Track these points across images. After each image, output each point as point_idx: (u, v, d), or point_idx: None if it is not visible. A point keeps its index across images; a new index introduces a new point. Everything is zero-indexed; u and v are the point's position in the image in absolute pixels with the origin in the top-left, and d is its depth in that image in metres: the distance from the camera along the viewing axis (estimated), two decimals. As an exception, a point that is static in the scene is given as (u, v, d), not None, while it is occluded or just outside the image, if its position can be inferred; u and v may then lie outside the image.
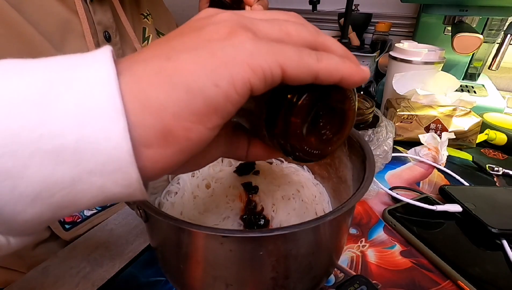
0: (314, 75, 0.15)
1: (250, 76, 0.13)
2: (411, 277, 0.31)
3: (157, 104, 0.12)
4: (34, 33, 0.35)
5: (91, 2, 0.40)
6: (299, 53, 0.14)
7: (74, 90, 0.12)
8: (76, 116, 0.11)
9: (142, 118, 0.12)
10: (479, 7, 0.60)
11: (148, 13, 0.53)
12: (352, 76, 0.16)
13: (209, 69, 0.13)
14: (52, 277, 0.31)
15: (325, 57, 0.15)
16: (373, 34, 0.91)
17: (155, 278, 0.31)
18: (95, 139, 0.12)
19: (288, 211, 0.33)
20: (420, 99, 0.57)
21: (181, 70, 0.13)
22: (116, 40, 0.44)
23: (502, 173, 0.49)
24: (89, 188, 0.12)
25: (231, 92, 0.13)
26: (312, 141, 0.18)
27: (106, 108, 0.12)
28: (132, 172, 0.13)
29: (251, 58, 0.13)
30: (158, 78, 0.13)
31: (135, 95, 0.12)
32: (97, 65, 0.12)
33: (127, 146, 0.12)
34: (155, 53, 0.14)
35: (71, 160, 0.12)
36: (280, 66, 0.14)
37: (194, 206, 0.34)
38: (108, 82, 0.12)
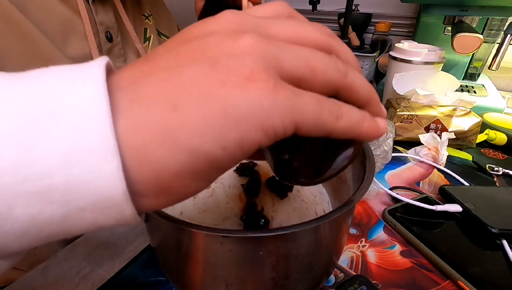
0: (329, 133, 0.14)
1: (260, 138, 0.12)
2: (411, 277, 0.31)
3: (157, 163, 0.12)
4: (37, 33, 0.35)
5: (93, 3, 0.40)
6: (320, 110, 0.13)
7: (61, 125, 0.11)
8: (63, 156, 0.11)
9: (139, 173, 0.12)
10: (479, 7, 0.60)
11: (149, 14, 0.53)
12: (369, 135, 0.15)
13: (217, 129, 0.12)
14: (52, 277, 0.31)
15: (345, 115, 0.14)
16: (373, 34, 0.92)
17: (155, 278, 0.31)
18: (86, 179, 0.11)
19: (288, 211, 0.33)
20: (420, 99, 0.57)
21: (186, 127, 0.11)
22: (117, 40, 0.44)
23: (502, 173, 0.49)
24: (80, 223, 0.12)
25: (238, 153, 0.12)
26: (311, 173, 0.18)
27: (98, 147, 0.11)
28: (127, 209, 0.12)
29: (266, 120, 0.12)
30: (161, 134, 0.11)
31: (134, 149, 0.11)
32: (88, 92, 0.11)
33: (122, 186, 0.11)
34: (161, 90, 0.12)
35: (59, 200, 0.11)
36: (295, 124, 0.13)
37: (194, 206, 0.34)
38: (100, 118, 0.11)
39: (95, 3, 0.41)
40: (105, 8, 0.42)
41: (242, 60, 0.12)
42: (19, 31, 0.34)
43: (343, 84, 0.14)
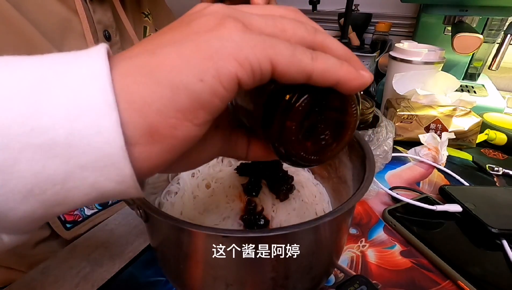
0: (308, 75, 0.14)
1: (237, 70, 0.13)
2: (411, 277, 0.31)
3: (141, 101, 0.12)
4: (34, 32, 0.35)
5: (91, 2, 0.40)
6: (292, 49, 0.13)
7: (66, 84, 0.11)
8: (67, 110, 0.11)
9: (127, 116, 0.12)
10: (479, 7, 0.60)
11: (149, 12, 0.53)
12: (350, 81, 0.15)
13: (193, 64, 0.12)
14: (52, 277, 0.31)
15: (321, 57, 0.14)
16: (373, 34, 0.92)
17: (155, 278, 0.31)
18: (86, 133, 0.11)
19: (288, 211, 0.33)
20: (420, 99, 0.57)
21: (164, 65, 0.12)
22: (116, 39, 0.44)
23: (502, 173, 0.49)
24: (81, 184, 0.12)
25: (217, 86, 0.13)
26: (309, 146, 0.17)
27: (98, 102, 0.11)
28: (125, 168, 0.12)
29: (238, 51, 0.13)
30: (142, 74, 0.12)
31: (119, 92, 0.12)
32: (90, 60, 0.12)
33: (120, 141, 0.12)
34: (142, 49, 0.13)
35: (62, 154, 0.11)
36: (270, 61, 0.13)
37: (194, 206, 0.34)
38: (100, 76, 0.12)
39: (93, 2, 0.40)
40: (103, 7, 0.42)
41: (212, 15, 0.14)
42: (16, 30, 0.34)
43: (315, 40, 0.15)
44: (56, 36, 0.37)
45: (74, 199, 0.13)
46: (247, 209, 0.32)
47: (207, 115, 0.13)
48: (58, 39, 0.37)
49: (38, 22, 0.35)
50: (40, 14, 0.36)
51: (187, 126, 0.13)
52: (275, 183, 0.34)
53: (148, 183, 0.32)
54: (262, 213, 0.32)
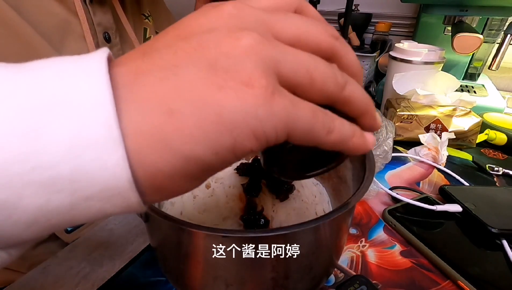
0: (318, 145, 0.14)
1: (252, 145, 0.12)
2: (411, 277, 0.31)
3: (153, 167, 0.12)
4: (33, 34, 0.34)
5: (91, 3, 0.40)
6: (313, 123, 0.13)
7: (66, 117, 0.11)
8: (69, 146, 0.11)
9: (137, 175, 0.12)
10: (479, 7, 0.60)
11: (149, 14, 0.53)
12: (355, 150, 0.15)
13: (212, 138, 0.12)
14: (52, 277, 0.31)
15: (337, 130, 0.14)
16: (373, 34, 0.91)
17: (155, 278, 0.31)
18: (91, 169, 0.11)
19: (288, 211, 0.33)
20: (420, 99, 0.57)
21: (181, 134, 0.12)
22: (116, 41, 0.44)
23: (502, 173, 0.49)
24: (87, 211, 0.12)
25: (230, 157, 0.13)
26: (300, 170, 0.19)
27: (102, 136, 0.11)
28: (132, 197, 0.12)
29: (259, 127, 0.12)
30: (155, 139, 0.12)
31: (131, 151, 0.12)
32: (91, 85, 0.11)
33: (127, 174, 0.11)
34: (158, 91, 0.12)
35: (66, 189, 0.11)
36: (288, 133, 0.13)
37: (194, 206, 0.34)
38: (104, 108, 0.11)
39: (92, 4, 0.40)
40: (103, 9, 0.42)
41: (241, 63, 0.12)
42: (15, 32, 0.33)
43: (340, 97, 0.14)
44: (55, 38, 0.37)
45: (79, 221, 0.13)
46: (247, 209, 0.32)
47: (212, 175, 0.14)
48: (57, 41, 0.37)
49: (37, 24, 0.35)
50: (39, 16, 0.36)
51: (193, 185, 0.14)
52: (275, 183, 0.34)
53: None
54: (262, 213, 0.32)
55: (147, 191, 0.13)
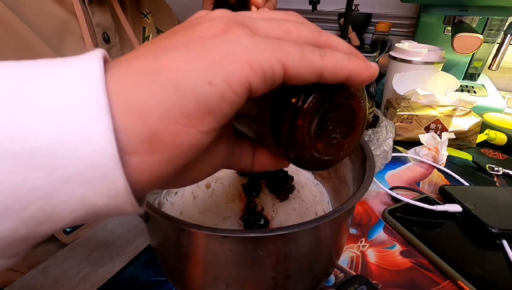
0: (319, 72, 0.13)
1: (248, 74, 0.12)
2: (411, 277, 0.31)
3: (141, 105, 0.11)
4: (32, 35, 0.34)
5: (90, 4, 0.40)
6: (302, 49, 0.13)
7: (52, 87, 0.10)
8: (51, 115, 0.10)
9: (124, 120, 0.11)
10: (479, 7, 0.60)
11: (148, 12, 0.53)
12: (361, 73, 0.14)
13: (201, 66, 0.12)
14: (52, 277, 0.31)
15: (329, 54, 0.14)
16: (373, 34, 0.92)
17: (155, 278, 0.31)
18: (73, 140, 0.10)
19: (288, 211, 0.33)
20: (420, 99, 0.57)
21: (169, 67, 0.11)
22: (115, 41, 0.44)
23: (502, 173, 0.49)
24: (68, 199, 0.11)
25: (227, 91, 0.12)
26: (321, 146, 0.16)
27: (87, 105, 0.10)
28: (118, 180, 0.11)
29: (248, 55, 0.12)
30: (143, 76, 0.11)
31: (116, 95, 0.11)
32: (82, 63, 0.11)
33: (111, 149, 0.10)
34: (142, 52, 0.12)
35: (44, 165, 0.10)
36: (281, 63, 0.12)
37: (194, 206, 0.34)
38: (90, 77, 0.11)
39: (91, 4, 0.40)
40: (102, 9, 0.42)
41: (216, 20, 0.13)
42: (14, 33, 0.33)
43: (320, 40, 0.15)
44: (54, 39, 0.37)
45: (61, 216, 0.11)
46: (247, 209, 0.32)
47: (214, 122, 0.12)
48: (56, 42, 0.37)
49: (36, 25, 0.35)
50: (38, 17, 0.36)
51: (192, 133, 0.12)
52: (275, 183, 0.34)
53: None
54: (262, 213, 0.32)
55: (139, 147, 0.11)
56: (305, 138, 0.15)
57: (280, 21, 0.14)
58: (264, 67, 0.12)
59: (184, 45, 0.12)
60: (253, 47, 0.12)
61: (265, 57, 0.12)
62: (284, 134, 0.15)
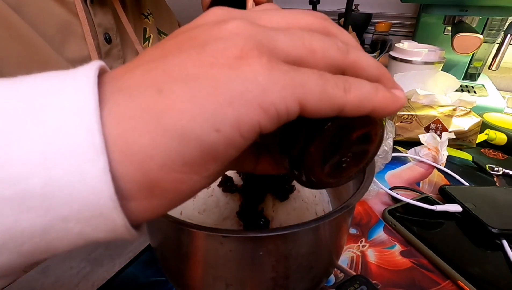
0: (340, 109, 0.12)
1: (260, 118, 0.11)
2: (411, 277, 0.31)
3: (141, 153, 0.10)
4: (34, 35, 0.35)
5: (92, 4, 0.40)
6: (323, 84, 0.12)
7: (43, 123, 0.10)
8: (43, 155, 0.09)
9: (123, 169, 0.10)
10: (479, 7, 0.60)
11: (149, 13, 0.53)
12: (387, 107, 0.13)
13: (209, 110, 0.10)
14: (52, 277, 0.31)
15: (354, 87, 0.12)
16: (373, 34, 0.92)
17: (155, 278, 0.31)
18: (67, 181, 0.10)
19: (288, 211, 0.33)
20: (420, 99, 0.57)
21: (173, 110, 0.10)
22: (116, 41, 0.44)
23: (502, 173, 0.49)
24: (65, 235, 0.11)
25: (235, 137, 0.11)
26: (330, 171, 0.15)
27: (81, 144, 0.10)
28: (116, 218, 0.11)
29: (263, 96, 0.11)
30: (144, 119, 0.10)
31: (114, 138, 0.10)
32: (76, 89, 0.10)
33: (109, 190, 0.10)
34: (145, 79, 0.11)
35: (38, 207, 0.10)
36: (299, 101, 0.11)
37: (194, 206, 0.34)
38: (85, 112, 0.10)
39: (93, 5, 0.40)
40: (103, 10, 0.42)
41: (231, 40, 0.11)
42: (17, 34, 0.34)
43: (347, 62, 0.13)
44: (56, 39, 0.37)
45: (59, 248, 0.11)
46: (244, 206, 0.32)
47: (218, 166, 0.12)
48: (58, 42, 0.37)
49: (38, 26, 0.35)
50: (40, 17, 0.36)
51: (194, 180, 0.11)
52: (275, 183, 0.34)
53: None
54: (262, 213, 0.32)
55: (138, 194, 0.11)
56: (315, 163, 0.15)
57: (305, 36, 0.12)
58: (279, 108, 0.11)
59: (193, 78, 0.11)
60: (270, 86, 0.11)
61: (282, 97, 0.11)
62: (294, 156, 0.15)
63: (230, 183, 0.35)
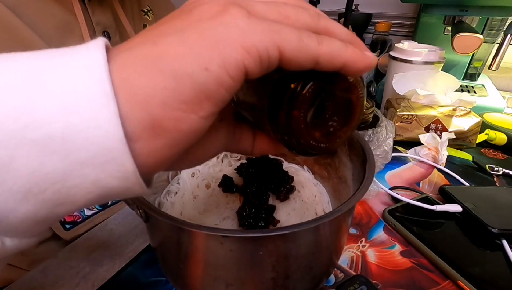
0: (315, 59, 0.13)
1: (243, 58, 0.12)
2: (411, 277, 0.31)
3: (143, 93, 0.12)
4: (32, 36, 0.34)
5: (89, 2, 0.40)
6: (299, 34, 0.13)
7: (61, 76, 0.11)
8: (62, 103, 0.11)
9: (127, 109, 0.11)
10: (479, 7, 0.59)
11: (148, 9, 0.52)
12: (356, 62, 0.14)
13: (198, 52, 0.12)
14: (52, 277, 0.31)
15: (326, 41, 0.14)
16: (373, 34, 0.91)
17: (155, 278, 0.31)
18: (84, 127, 0.11)
19: (288, 211, 0.33)
20: (420, 99, 0.57)
21: (167, 54, 0.12)
22: (116, 39, 0.44)
23: (502, 173, 0.49)
24: (82, 182, 0.12)
25: (223, 75, 0.12)
26: (318, 134, 0.17)
27: (94, 93, 0.11)
28: (126, 163, 0.12)
29: (244, 37, 0.12)
30: (143, 64, 0.12)
31: (119, 84, 0.11)
32: (87, 52, 0.12)
33: (119, 133, 0.11)
34: (142, 39, 0.13)
35: (59, 150, 0.11)
36: (278, 46, 0.13)
37: (194, 206, 0.34)
38: (96, 66, 0.11)
39: (91, 3, 0.40)
40: (102, 8, 0.42)
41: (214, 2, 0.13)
42: (14, 34, 0.33)
43: (319, 27, 0.15)
44: (55, 39, 0.37)
45: (77, 197, 0.12)
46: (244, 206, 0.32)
47: (212, 107, 0.13)
48: (57, 42, 0.37)
49: (36, 26, 0.35)
50: (38, 17, 0.36)
51: (192, 119, 0.13)
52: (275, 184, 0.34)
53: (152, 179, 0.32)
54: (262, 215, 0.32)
55: (142, 134, 0.12)
56: (301, 126, 0.16)
57: (279, 5, 0.14)
58: (260, 50, 0.12)
59: (181, 30, 0.12)
60: (249, 29, 0.12)
61: (261, 40, 0.12)
62: (281, 122, 0.16)
63: (230, 183, 0.35)
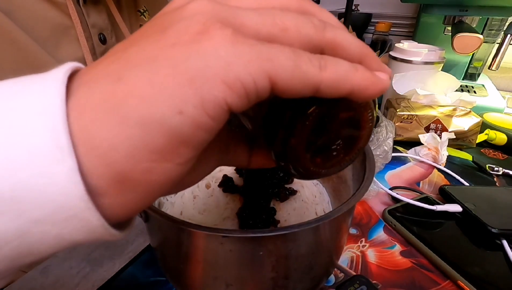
0: (315, 87, 0.11)
1: (225, 95, 0.10)
2: (411, 277, 0.31)
3: (104, 145, 0.10)
4: (27, 39, 0.34)
5: (85, 5, 0.39)
6: (295, 59, 0.11)
7: (8, 125, 0.09)
8: (9, 158, 0.09)
9: (89, 164, 0.10)
10: (479, 7, 0.60)
11: (145, 9, 0.52)
12: (366, 88, 0.12)
13: (169, 92, 0.10)
14: (52, 277, 0.31)
15: (330, 64, 0.11)
16: (373, 34, 0.91)
17: (155, 278, 0.31)
18: (35, 184, 0.09)
19: (288, 211, 0.33)
20: (420, 99, 0.57)
21: (131, 96, 0.10)
22: (112, 41, 0.44)
23: (502, 173, 0.49)
24: (43, 237, 0.10)
25: (201, 117, 0.10)
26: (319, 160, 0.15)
27: (46, 146, 0.09)
28: (92, 219, 0.10)
29: (226, 71, 0.10)
30: (104, 110, 0.10)
31: (78, 134, 0.10)
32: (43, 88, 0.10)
33: (79, 190, 0.10)
34: (106, 69, 0.11)
35: (9, 211, 0.09)
36: (268, 76, 0.10)
37: (194, 206, 0.34)
38: (51, 112, 0.09)
39: (86, 5, 0.40)
40: (97, 9, 0.41)
41: (193, 18, 0.11)
42: (9, 38, 0.33)
43: (324, 40, 0.12)
44: (50, 42, 0.37)
45: (41, 250, 0.11)
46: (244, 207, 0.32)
47: (191, 151, 0.11)
48: (52, 45, 0.37)
49: (32, 30, 0.35)
50: (33, 21, 0.35)
51: (166, 168, 0.11)
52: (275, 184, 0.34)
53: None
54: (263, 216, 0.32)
55: (108, 189, 0.10)
56: (299, 155, 0.14)
57: (276, 13, 0.12)
58: (246, 84, 0.10)
59: (152, 60, 0.10)
60: (233, 60, 0.10)
61: (247, 71, 0.10)
62: (277, 149, 0.14)
63: (231, 183, 0.35)
